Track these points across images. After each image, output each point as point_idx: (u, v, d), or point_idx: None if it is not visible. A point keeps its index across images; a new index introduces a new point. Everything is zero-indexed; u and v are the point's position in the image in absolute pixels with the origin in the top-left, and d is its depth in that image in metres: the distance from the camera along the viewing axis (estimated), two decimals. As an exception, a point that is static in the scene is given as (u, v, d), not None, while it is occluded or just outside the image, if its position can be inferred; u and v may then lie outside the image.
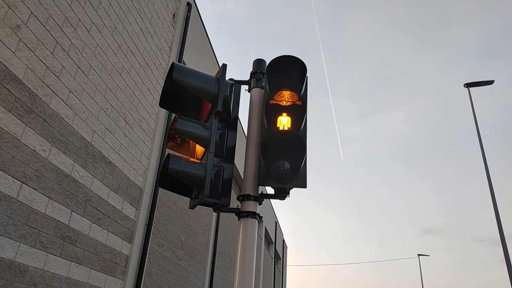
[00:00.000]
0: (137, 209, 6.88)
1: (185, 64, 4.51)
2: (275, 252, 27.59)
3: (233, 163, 2.85)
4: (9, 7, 4.06)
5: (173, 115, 8.35)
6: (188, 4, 9.54)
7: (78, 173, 5.24)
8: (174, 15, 8.68)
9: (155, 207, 7.43)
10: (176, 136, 2.86)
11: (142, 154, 7.12)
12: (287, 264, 38.73)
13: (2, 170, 3.97)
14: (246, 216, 2.66)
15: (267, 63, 2.90)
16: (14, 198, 4.13)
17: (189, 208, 2.76)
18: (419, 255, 37.35)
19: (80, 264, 5.25)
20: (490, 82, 14.88)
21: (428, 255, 37.49)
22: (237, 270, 2.50)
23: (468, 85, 15.05)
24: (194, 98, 2.98)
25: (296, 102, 2.79)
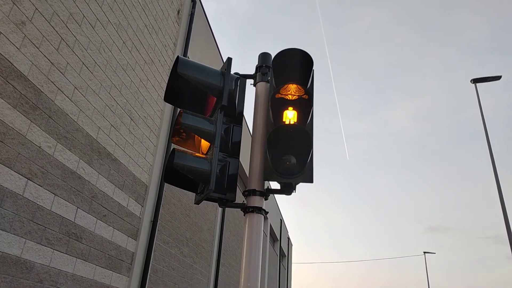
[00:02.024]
0: (142, 206, 6.88)
1: (189, 60, 4.48)
2: (280, 249, 27.58)
3: (239, 158, 2.82)
4: (13, 3, 4.05)
5: (178, 110, 8.33)
6: (193, 0, 9.51)
7: (84, 169, 5.24)
8: (178, 12, 8.66)
9: (160, 204, 7.43)
10: (181, 130, 2.84)
11: (147, 151, 7.11)
12: (292, 261, 38.73)
13: (8, 167, 3.97)
14: (252, 212, 2.63)
15: (273, 57, 2.86)
16: (20, 195, 4.13)
17: (195, 203, 2.74)
18: (425, 252, 37.19)
19: (86, 261, 5.25)
20: (497, 78, 14.74)
21: (434, 253, 37.33)
22: (243, 265, 2.48)
23: (475, 81, 14.92)
24: (199, 92, 2.96)
25: (302, 96, 2.76)
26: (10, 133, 4.02)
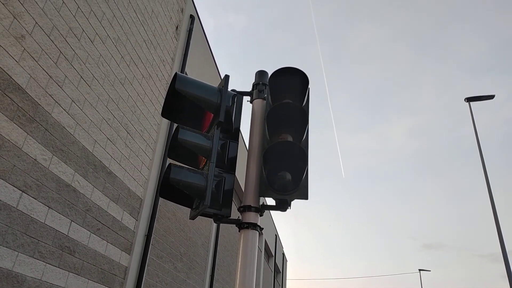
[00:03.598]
0: (136, 220, 6.84)
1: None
2: (275, 265, 27.35)
3: (234, 173, 2.84)
4: (14, 17, 4.10)
5: (175, 125, 8.36)
6: (191, 16, 9.64)
7: (79, 182, 5.22)
8: (177, 27, 8.76)
9: (155, 218, 7.40)
10: (178, 146, 2.86)
11: (143, 165, 7.11)
12: (287, 277, 38.35)
13: (2, 179, 3.96)
14: (247, 228, 2.64)
15: (269, 75, 2.91)
16: (14, 207, 4.11)
17: (190, 219, 2.74)
18: (420, 270, 37.00)
19: (79, 275, 5.20)
20: (491, 97, 14.92)
21: (429, 270, 37.16)
22: (238, 281, 2.47)
23: (469, 100, 15.09)
24: (196, 108, 2.99)
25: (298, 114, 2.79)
26: (6, 145, 4.02)
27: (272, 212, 25.96)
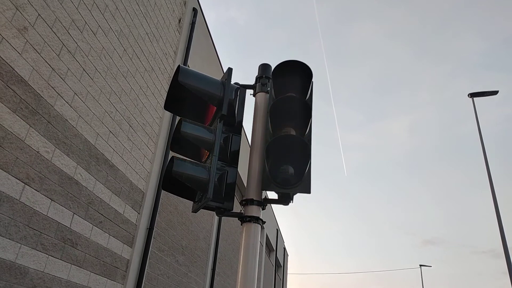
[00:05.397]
0: (138, 213, 6.86)
1: (190, 69, 4.51)
2: (276, 259, 27.44)
3: (237, 167, 2.83)
4: (17, 8, 4.09)
5: (177, 118, 8.36)
6: (194, 9, 9.59)
7: (81, 175, 5.23)
8: (180, 20, 8.72)
9: (157, 211, 7.41)
10: (181, 139, 2.85)
11: (145, 158, 7.11)
12: (288, 272, 38.49)
13: (5, 171, 3.97)
14: (249, 221, 2.64)
15: (273, 68, 2.90)
16: (17, 199, 4.12)
17: (192, 212, 2.74)
18: (421, 265, 37.05)
19: (81, 267, 5.22)
20: (494, 93, 14.85)
21: (430, 266, 37.21)
22: (239, 275, 2.48)
23: (472, 95, 15.03)
24: (199, 101, 2.98)
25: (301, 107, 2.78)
26: (9, 137, 4.02)
27: (273, 207, 26.00)
